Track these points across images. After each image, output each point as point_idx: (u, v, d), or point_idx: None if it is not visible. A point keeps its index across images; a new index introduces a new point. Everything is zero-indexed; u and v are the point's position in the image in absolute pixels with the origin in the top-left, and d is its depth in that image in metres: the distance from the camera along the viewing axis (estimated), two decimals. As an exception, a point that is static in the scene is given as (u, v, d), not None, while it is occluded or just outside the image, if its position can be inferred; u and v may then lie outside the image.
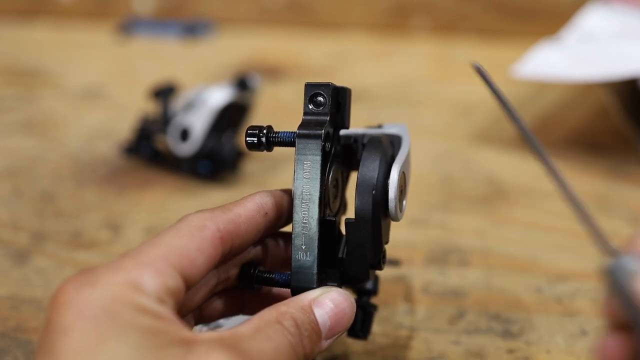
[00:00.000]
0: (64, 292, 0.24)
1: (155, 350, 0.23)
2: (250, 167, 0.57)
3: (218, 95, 0.55)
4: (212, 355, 0.24)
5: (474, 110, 0.70)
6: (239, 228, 0.29)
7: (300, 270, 0.29)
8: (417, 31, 0.95)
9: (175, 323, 0.25)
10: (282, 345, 0.26)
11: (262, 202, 0.30)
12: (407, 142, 0.33)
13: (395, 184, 0.30)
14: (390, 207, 0.30)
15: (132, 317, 0.24)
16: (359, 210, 0.30)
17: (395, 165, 0.31)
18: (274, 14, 0.98)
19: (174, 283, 0.26)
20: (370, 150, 0.30)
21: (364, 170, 0.30)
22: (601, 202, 0.52)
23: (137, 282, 0.25)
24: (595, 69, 0.56)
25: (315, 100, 0.30)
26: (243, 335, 0.26)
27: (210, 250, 0.27)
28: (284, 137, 0.30)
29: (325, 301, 0.29)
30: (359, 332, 0.33)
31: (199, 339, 0.24)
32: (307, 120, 0.30)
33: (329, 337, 0.28)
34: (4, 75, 0.81)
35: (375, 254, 0.30)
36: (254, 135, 0.30)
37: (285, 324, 0.27)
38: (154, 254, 0.26)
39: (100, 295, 0.24)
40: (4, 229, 0.49)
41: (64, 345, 0.23)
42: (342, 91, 0.32)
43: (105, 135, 0.64)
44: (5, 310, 0.40)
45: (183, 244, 0.27)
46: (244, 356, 0.24)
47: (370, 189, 0.30)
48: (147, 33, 0.95)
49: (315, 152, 0.29)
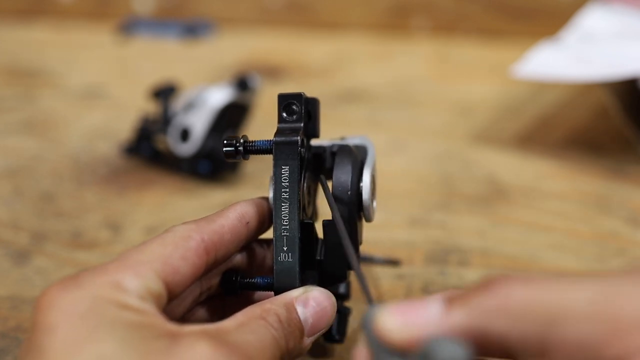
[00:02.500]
0: (48, 294, 0.25)
1: (140, 344, 0.23)
2: (250, 167, 0.57)
3: (218, 95, 0.55)
4: (196, 346, 0.24)
5: (474, 110, 0.70)
6: (223, 238, 0.30)
7: (282, 271, 0.30)
8: (417, 31, 0.95)
9: (159, 317, 0.25)
10: (265, 338, 0.27)
11: (243, 212, 0.31)
12: (372, 150, 0.34)
13: (368, 186, 0.32)
14: (365, 206, 0.32)
15: (116, 314, 0.24)
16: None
17: (366, 169, 0.33)
18: (274, 14, 0.98)
19: (155, 287, 0.26)
20: (342, 157, 0.32)
21: (339, 173, 0.32)
22: (601, 202, 0.52)
23: (119, 282, 0.25)
24: (595, 69, 0.56)
25: (288, 109, 0.32)
26: (227, 328, 0.26)
27: (194, 260, 0.28)
28: (261, 145, 0.32)
29: (307, 299, 0.29)
30: (335, 335, 0.34)
31: (183, 331, 0.25)
32: (283, 127, 0.32)
33: (311, 334, 0.29)
34: (4, 75, 0.81)
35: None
36: (231, 145, 0.32)
37: (268, 319, 0.27)
38: (137, 259, 0.27)
39: (84, 295, 0.24)
40: (4, 229, 0.49)
41: (50, 343, 0.23)
42: (312, 101, 0.33)
43: (106, 135, 0.64)
44: (5, 310, 0.40)
45: (167, 253, 0.27)
46: (228, 347, 0.25)
47: (345, 190, 0.31)
48: (147, 33, 0.95)
49: (292, 157, 0.30)
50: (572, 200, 0.53)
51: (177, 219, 0.51)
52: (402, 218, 0.50)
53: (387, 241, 0.46)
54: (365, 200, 0.32)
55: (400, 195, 0.53)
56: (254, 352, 0.26)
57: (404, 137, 0.64)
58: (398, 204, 0.52)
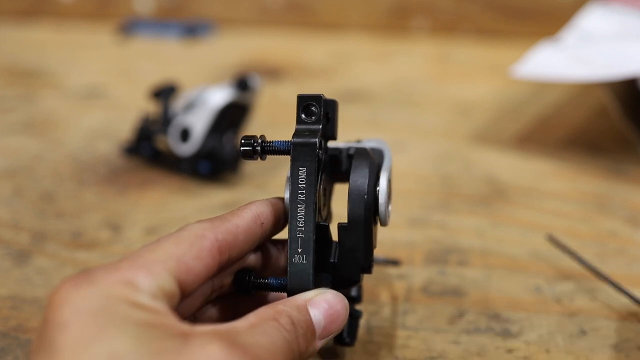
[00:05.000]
0: (60, 291, 0.25)
1: (152, 343, 0.23)
2: (250, 167, 0.57)
3: (218, 95, 0.55)
4: (208, 347, 0.24)
5: (474, 110, 0.70)
6: (237, 238, 0.29)
7: (296, 273, 0.30)
8: (417, 32, 0.95)
9: (171, 317, 0.25)
10: (277, 340, 0.26)
11: (258, 212, 0.31)
12: (388, 154, 0.34)
13: (385, 190, 0.32)
14: (380, 211, 0.32)
15: (128, 312, 0.24)
16: (351, 214, 0.31)
17: (383, 173, 0.32)
18: (274, 15, 0.98)
19: (168, 286, 0.26)
20: (359, 160, 0.32)
21: (356, 177, 0.31)
22: (601, 202, 0.52)
23: (132, 280, 0.25)
24: (595, 69, 0.56)
25: (307, 110, 0.32)
26: (239, 329, 0.26)
27: (208, 259, 0.28)
28: (279, 146, 0.31)
29: (320, 302, 0.29)
30: (345, 338, 0.34)
31: (195, 331, 0.25)
32: (301, 129, 0.31)
33: (322, 337, 0.29)
34: (5, 75, 0.81)
35: (367, 257, 0.32)
36: (248, 145, 0.31)
37: (281, 321, 0.27)
38: (151, 257, 0.26)
39: (96, 292, 0.24)
40: (5, 229, 0.49)
41: (61, 340, 0.23)
42: (330, 103, 0.33)
43: (106, 135, 0.64)
44: (6, 309, 0.40)
45: (181, 252, 0.27)
46: (240, 348, 0.25)
47: (362, 194, 0.31)
48: (147, 33, 0.95)
49: (310, 159, 0.30)
50: (572, 200, 0.53)
51: (177, 219, 0.51)
52: (402, 218, 0.50)
53: (387, 241, 0.46)
54: (381, 205, 0.32)
55: (400, 195, 0.53)
56: (265, 354, 0.25)
57: (403, 137, 0.64)
58: (398, 204, 0.52)
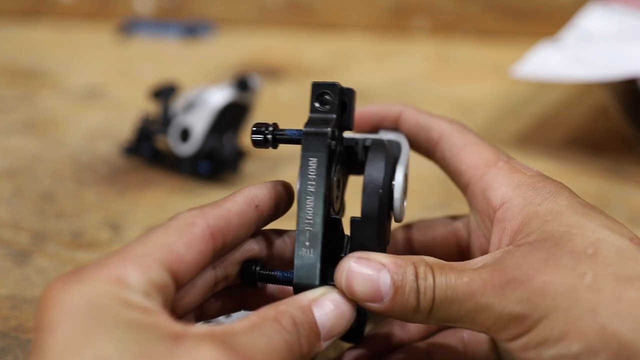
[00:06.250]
0: (50, 290, 0.24)
1: (141, 345, 0.23)
2: (250, 167, 0.57)
3: (218, 95, 0.55)
4: (200, 349, 0.23)
5: (473, 111, 0.70)
6: (230, 223, 0.28)
7: (302, 267, 0.29)
8: (417, 32, 0.95)
9: (163, 316, 0.24)
10: (277, 342, 0.26)
11: (252, 195, 0.30)
12: (406, 147, 0.33)
13: (400, 185, 0.31)
14: (395, 206, 0.31)
15: (118, 312, 0.23)
16: (365, 208, 0.30)
17: (399, 167, 0.31)
18: (274, 15, 0.98)
19: (160, 278, 0.25)
20: (375, 152, 0.31)
21: (371, 170, 0.30)
22: (601, 202, 0.52)
23: (122, 277, 0.24)
24: (595, 69, 0.56)
25: (322, 99, 0.30)
26: (237, 330, 0.25)
27: (201, 246, 0.27)
28: (291, 135, 0.30)
29: (325, 302, 0.28)
30: (352, 336, 0.33)
31: (188, 333, 0.24)
32: (314, 118, 0.30)
33: (327, 338, 0.28)
34: (5, 75, 0.81)
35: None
36: (260, 133, 0.30)
37: (283, 322, 0.26)
38: (140, 250, 0.26)
39: (85, 291, 0.24)
40: (5, 229, 0.49)
41: (50, 343, 0.23)
42: (347, 92, 0.31)
43: (106, 135, 0.64)
44: (6, 309, 0.40)
45: (171, 241, 0.26)
46: (234, 351, 0.24)
47: (377, 188, 0.30)
48: (147, 33, 0.95)
49: (322, 150, 0.29)
50: (572, 200, 0.53)
51: (177, 218, 0.51)
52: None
53: (387, 241, 0.46)
54: (396, 200, 0.31)
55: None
56: (261, 356, 0.25)
57: (404, 137, 0.64)
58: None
